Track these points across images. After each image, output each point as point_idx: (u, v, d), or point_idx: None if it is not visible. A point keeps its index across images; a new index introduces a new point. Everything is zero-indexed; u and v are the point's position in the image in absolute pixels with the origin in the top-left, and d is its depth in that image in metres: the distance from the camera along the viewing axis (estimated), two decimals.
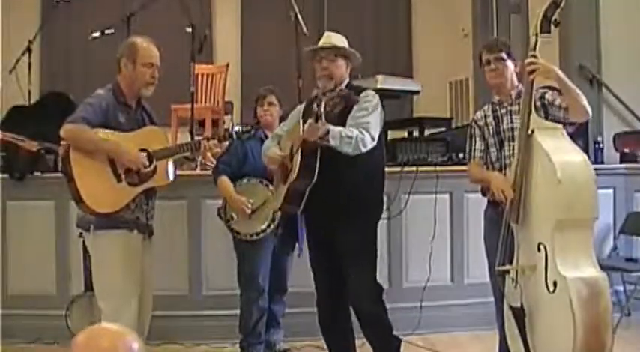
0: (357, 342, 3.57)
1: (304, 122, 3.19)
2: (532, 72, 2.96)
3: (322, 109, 2.98)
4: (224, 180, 3.81)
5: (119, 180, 3.07)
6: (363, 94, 3.32)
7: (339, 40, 3.46)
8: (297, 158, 3.20)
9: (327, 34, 3.51)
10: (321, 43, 3.45)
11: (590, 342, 2.71)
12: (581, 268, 2.81)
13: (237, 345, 3.89)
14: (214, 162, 3.97)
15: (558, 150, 2.89)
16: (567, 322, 2.71)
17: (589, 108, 3.05)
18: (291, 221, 3.79)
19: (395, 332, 3.43)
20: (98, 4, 7.39)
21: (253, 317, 3.81)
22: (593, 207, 2.90)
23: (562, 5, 2.96)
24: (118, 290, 3.08)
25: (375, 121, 3.26)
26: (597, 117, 5.38)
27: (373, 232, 3.41)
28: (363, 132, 3.19)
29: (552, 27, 2.98)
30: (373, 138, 3.22)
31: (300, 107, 3.56)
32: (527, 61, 2.98)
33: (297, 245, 3.95)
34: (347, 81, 3.43)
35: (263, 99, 3.92)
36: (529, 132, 2.95)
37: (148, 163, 3.12)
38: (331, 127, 3.10)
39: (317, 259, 3.49)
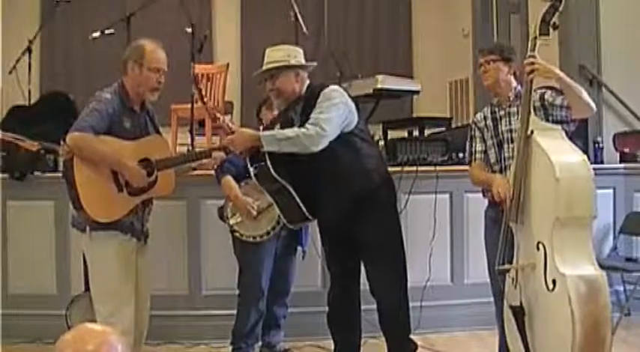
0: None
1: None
2: (531, 73, 2.98)
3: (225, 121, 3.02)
4: (229, 179, 3.75)
5: (120, 190, 3.06)
6: (322, 93, 3.24)
7: (275, 56, 3.34)
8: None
9: (267, 51, 3.38)
10: (264, 63, 3.36)
11: (589, 339, 2.71)
12: (580, 266, 2.82)
13: (230, 347, 3.87)
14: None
15: (557, 149, 2.91)
16: (566, 320, 2.72)
17: (592, 104, 3.06)
18: None
19: None
20: (98, 4, 7.40)
21: (252, 320, 3.80)
22: (592, 206, 2.90)
23: (561, 9, 2.97)
24: (115, 292, 3.07)
25: (328, 116, 3.17)
26: (597, 117, 5.38)
27: (393, 221, 3.41)
28: (309, 126, 3.12)
29: (551, 30, 2.99)
30: (324, 130, 3.12)
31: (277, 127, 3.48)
32: (526, 61, 2.99)
33: (299, 248, 3.95)
34: (304, 87, 3.35)
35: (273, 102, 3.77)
36: (528, 132, 2.97)
37: (147, 181, 3.11)
38: (262, 133, 3.10)
39: (334, 259, 3.51)
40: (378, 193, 3.36)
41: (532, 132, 2.96)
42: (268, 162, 3.15)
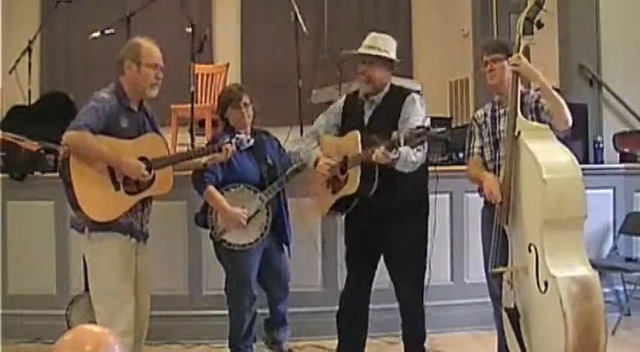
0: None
1: (363, 132, 3.22)
2: (515, 73, 2.99)
3: (401, 141, 2.96)
4: (212, 190, 3.63)
5: (117, 189, 3.06)
6: (408, 99, 3.34)
7: (384, 44, 3.41)
8: (356, 172, 3.22)
9: (372, 35, 3.45)
10: (364, 44, 3.40)
11: (583, 340, 2.72)
12: (572, 267, 2.82)
13: (229, 350, 3.84)
14: None
15: (544, 150, 2.90)
16: (559, 321, 2.72)
17: (570, 120, 3.04)
18: (277, 222, 3.75)
19: (396, 332, 3.46)
20: (98, 4, 7.39)
21: (246, 323, 3.78)
22: (581, 207, 2.89)
23: (544, 6, 2.97)
24: (114, 292, 3.07)
25: None
26: (597, 117, 5.38)
27: (425, 230, 3.50)
28: (421, 149, 3.22)
29: (535, 29, 2.99)
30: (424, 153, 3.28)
31: (339, 104, 3.56)
32: (511, 62, 3.00)
33: (285, 245, 3.90)
34: (388, 84, 3.44)
35: (239, 100, 3.71)
36: (516, 133, 2.96)
37: (147, 173, 3.10)
38: (403, 152, 3.10)
39: (356, 258, 3.55)
40: (422, 199, 3.49)
41: (519, 133, 2.95)
42: (377, 168, 3.18)
